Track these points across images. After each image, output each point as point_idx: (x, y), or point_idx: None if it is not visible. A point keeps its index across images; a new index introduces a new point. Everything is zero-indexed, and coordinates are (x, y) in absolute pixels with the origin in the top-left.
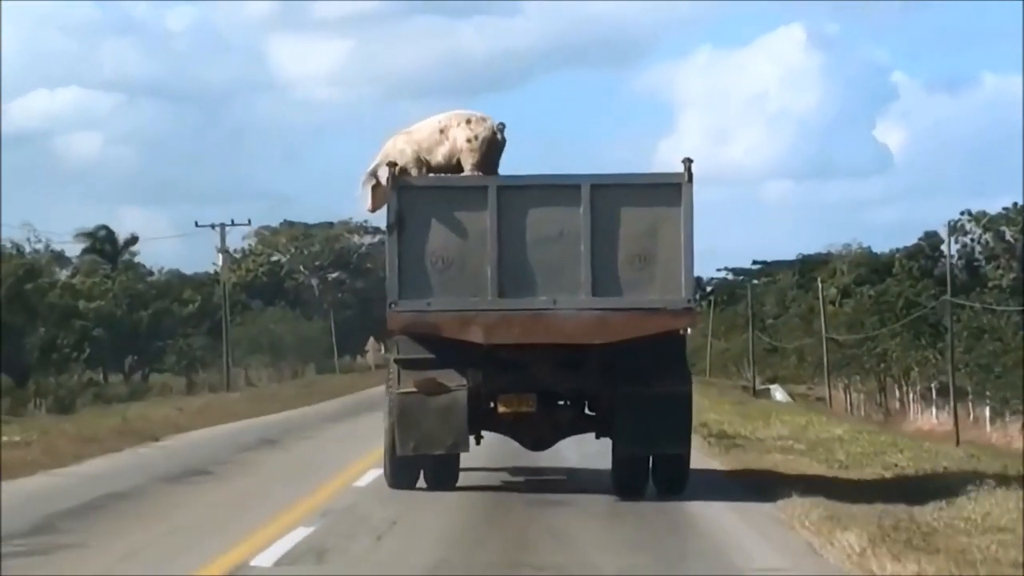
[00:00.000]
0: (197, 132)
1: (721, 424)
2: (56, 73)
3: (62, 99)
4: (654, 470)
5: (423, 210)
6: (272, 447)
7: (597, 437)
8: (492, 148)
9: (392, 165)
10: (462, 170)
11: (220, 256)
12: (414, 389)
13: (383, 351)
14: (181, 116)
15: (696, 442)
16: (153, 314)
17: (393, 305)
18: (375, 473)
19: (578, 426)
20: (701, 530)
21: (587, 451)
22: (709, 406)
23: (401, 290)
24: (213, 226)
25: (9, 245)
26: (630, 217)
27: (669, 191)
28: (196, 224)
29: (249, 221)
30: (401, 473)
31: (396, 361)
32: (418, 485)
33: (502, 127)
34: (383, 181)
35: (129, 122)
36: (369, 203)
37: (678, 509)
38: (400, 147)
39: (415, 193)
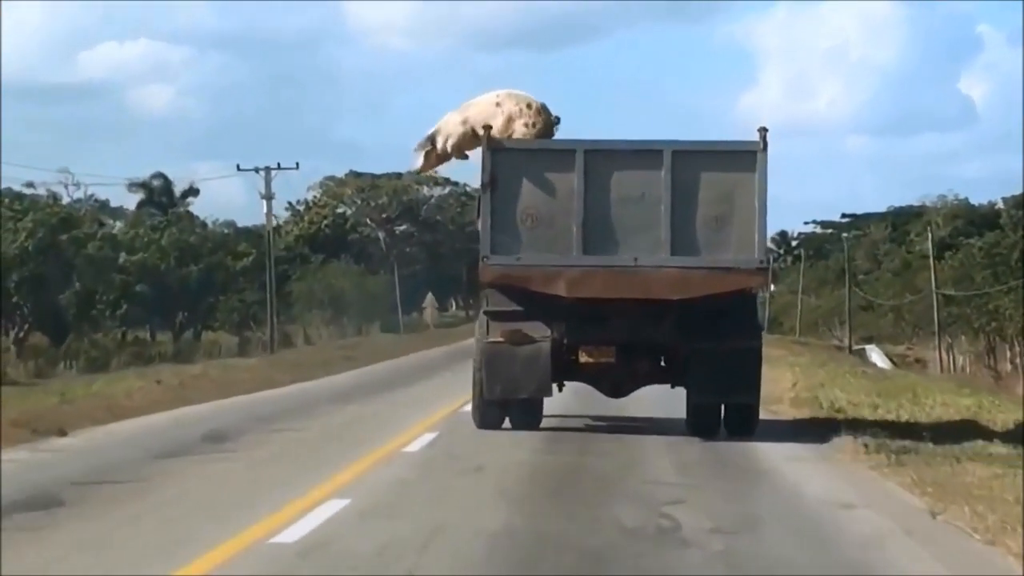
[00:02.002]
0: (268, 84)
1: (858, 407)
2: (126, 25)
3: (131, 52)
4: (726, 417)
5: (515, 171)
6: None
7: (672, 387)
8: (509, 121)
9: (474, 130)
10: None
11: (264, 203)
12: (501, 339)
13: (456, 307)
14: (252, 68)
15: (843, 445)
16: (204, 268)
17: (485, 259)
18: None
19: (654, 376)
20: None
21: (662, 399)
22: (826, 377)
23: (493, 245)
24: (257, 169)
25: (45, 193)
26: (708, 181)
27: (745, 158)
28: (238, 167)
29: (297, 165)
30: (488, 415)
31: (485, 312)
32: (503, 427)
33: (558, 120)
34: (439, 147)
35: (199, 75)
36: (419, 165)
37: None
38: (456, 120)
39: (508, 155)
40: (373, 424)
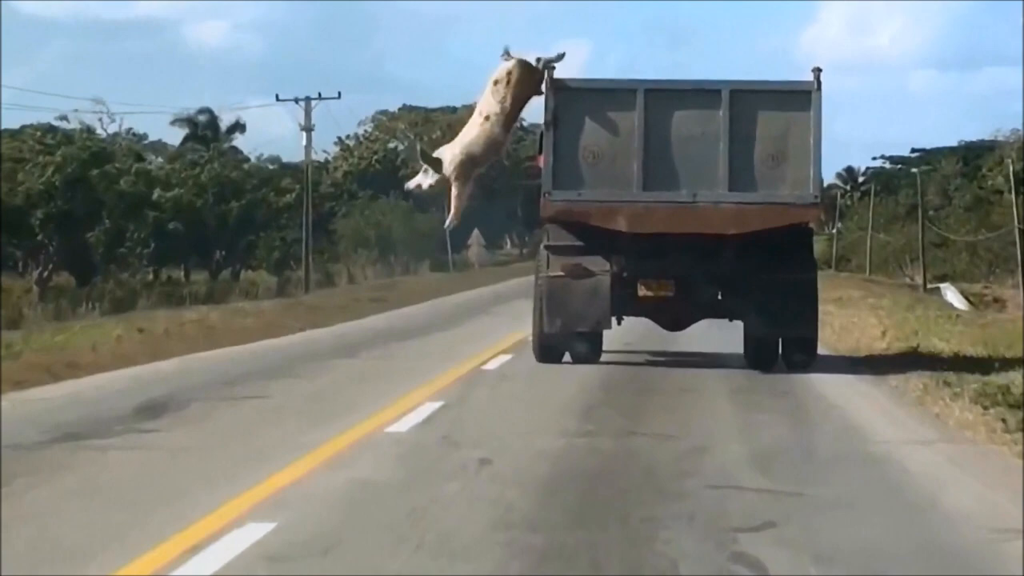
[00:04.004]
0: (323, 21)
1: (969, 364)
2: None
3: None
4: (783, 350)
5: (577, 109)
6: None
7: (730, 320)
8: (521, 80)
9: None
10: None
11: (303, 135)
12: (562, 273)
13: (511, 244)
14: (307, 4)
15: (979, 420)
16: (245, 205)
17: (547, 195)
18: None
19: (712, 310)
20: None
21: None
22: (918, 324)
23: (555, 181)
24: (297, 100)
25: (78, 125)
26: (765, 120)
27: (800, 97)
28: (277, 98)
29: (339, 94)
30: (548, 349)
31: (546, 247)
32: (564, 360)
33: (560, 57)
34: (432, 178)
35: (254, 10)
36: (415, 184)
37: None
38: (451, 150)
39: (570, 93)
40: (344, 399)
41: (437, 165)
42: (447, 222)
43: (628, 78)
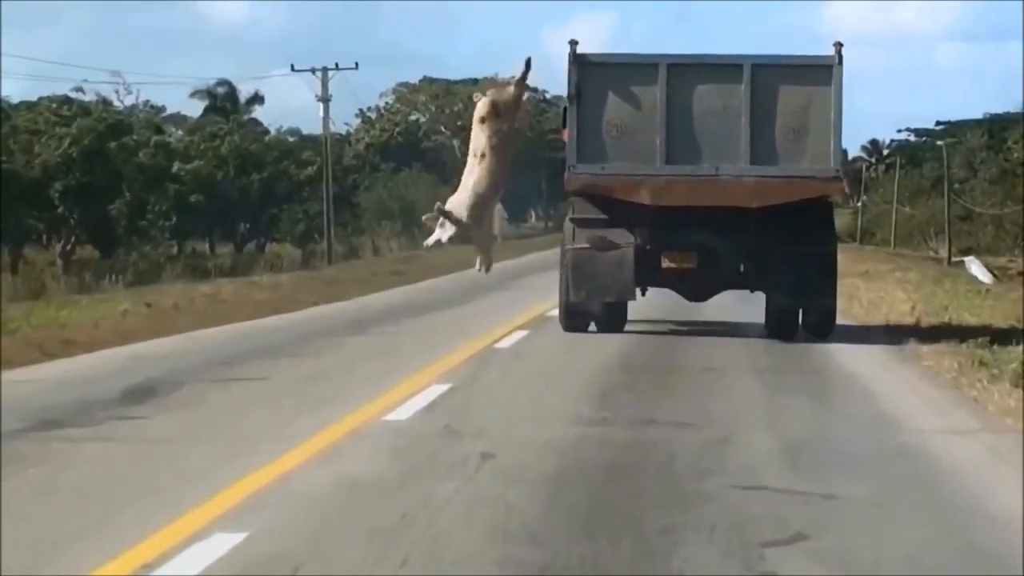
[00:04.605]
0: None
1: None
2: None
3: None
4: (803, 320)
5: (600, 83)
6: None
7: (751, 292)
8: (505, 107)
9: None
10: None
11: (320, 106)
12: (587, 245)
13: (536, 218)
14: None
15: (1020, 406)
16: (266, 178)
17: (571, 169)
18: None
19: (734, 281)
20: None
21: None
22: (947, 298)
23: (579, 155)
24: (314, 70)
25: (95, 97)
26: (786, 94)
27: (821, 72)
28: (292, 68)
29: (356, 65)
30: (574, 319)
31: (571, 220)
32: (589, 330)
33: (528, 65)
34: (450, 230)
35: None
36: (435, 240)
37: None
38: (459, 199)
39: (593, 68)
40: (345, 381)
41: (451, 217)
42: (478, 267)
43: (650, 53)
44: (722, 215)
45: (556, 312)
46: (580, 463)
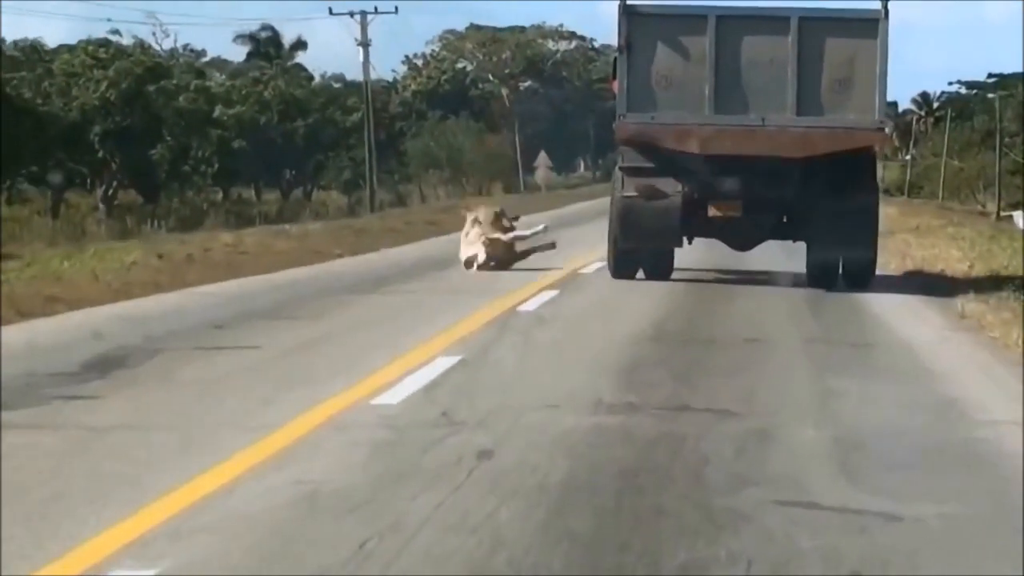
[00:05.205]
0: None
1: None
2: None
3: None
4: (843, 270)
5: (650, 34)
6: None
7: (793, 242)
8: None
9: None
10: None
11: (360, 51)
12: (635, 193)
13: (584, 167)
14: None
15: None
16: (311, 124)
17: (621, 117)
18: None
19: (778, 231)
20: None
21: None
22: (1006, 256)
23: (629, 104)
24: (352, 14)
25: (131, 40)
26: (832, 46)
27: (867, 25)
28: (330, 11)
29: (396, 9)
30: (623, 266)
31: (620, 168)
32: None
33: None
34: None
35: None
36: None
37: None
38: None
39: (642, 19)
40: (338, 352)
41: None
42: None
43: (699, 3)
44: (767, 165)
45: (588, 270)
46: (592, 468)
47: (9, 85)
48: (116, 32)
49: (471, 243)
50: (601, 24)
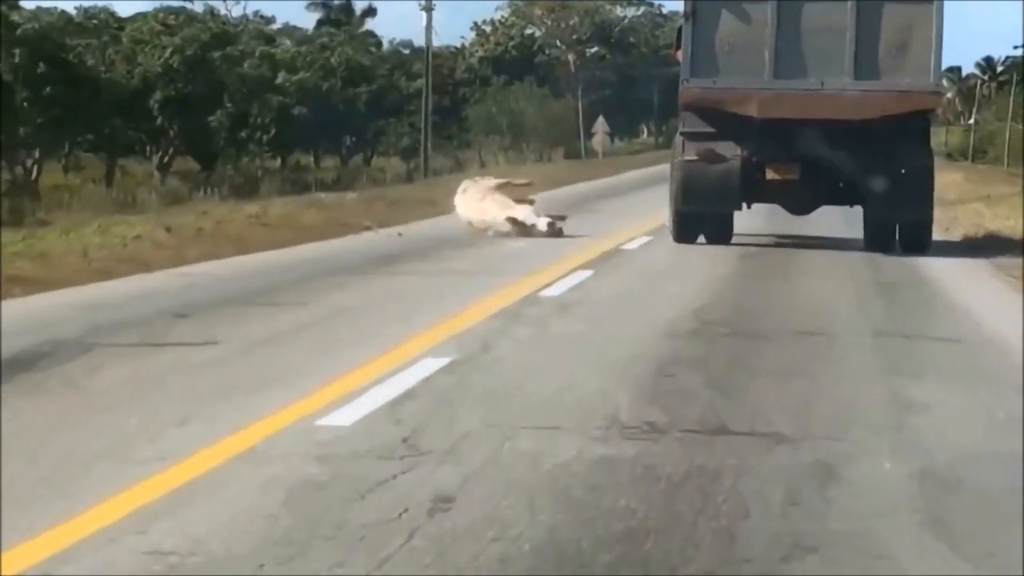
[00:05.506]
0: None
1: None
2: None
3: None
4: (900, 235)
5: (715, 2)
6: None
7: (851, 207)
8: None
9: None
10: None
11: (421, 15)
12: (696, 157)
13: (647, 133)
14: None
15: None
16: (374, 90)
17: (685, 82)
18: None
19: (835, 196)
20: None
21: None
22: None
23: (692, 70)
24: None
25: (200, 8)
26: (889, 12)
27: None
28: None
29: None
30: (684, 230)
31: (682, 133)
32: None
33: None
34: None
35: None
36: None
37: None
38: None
39: None
40: (307, 345)
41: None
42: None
43: None
44: (824, 129)
45: (632, 245)
46: (584, 526)
47: (72, 52)
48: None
49: (480, 204)
50: None
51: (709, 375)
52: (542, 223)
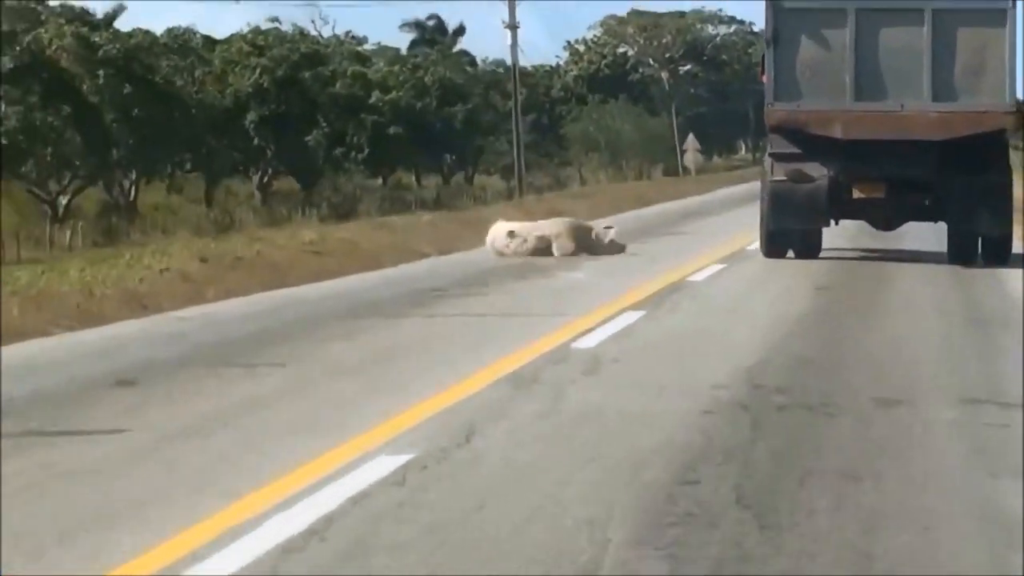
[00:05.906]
0: None
1: None
2: None
3: None
4: (982, 248)
5: (794, 27)
6: None
7: (934, 222)
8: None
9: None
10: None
11: (507, 33)
12: (784, 178)
13: (745, 150)
14: None
15: None
16: (471, 109)
17: (770, 106)
18: None
19: (918, 212)
20: None
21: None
22: None
23: (776, 94)
24: None
25: (290, 28)
26: (964, 35)
27: (996, 15)
28: None
29: None
30: (774, 246)
31: (770, 155)
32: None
33: None
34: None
35: None
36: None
37: None
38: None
39: (787, 13)
40: (282, 415)
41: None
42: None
43: None
44: (906, 148)
45: (698, 276)
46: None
47: (160, 74)
48: (275, 19)
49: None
50: (758, 8)
51: (744, 483)
52: (603, 233)
